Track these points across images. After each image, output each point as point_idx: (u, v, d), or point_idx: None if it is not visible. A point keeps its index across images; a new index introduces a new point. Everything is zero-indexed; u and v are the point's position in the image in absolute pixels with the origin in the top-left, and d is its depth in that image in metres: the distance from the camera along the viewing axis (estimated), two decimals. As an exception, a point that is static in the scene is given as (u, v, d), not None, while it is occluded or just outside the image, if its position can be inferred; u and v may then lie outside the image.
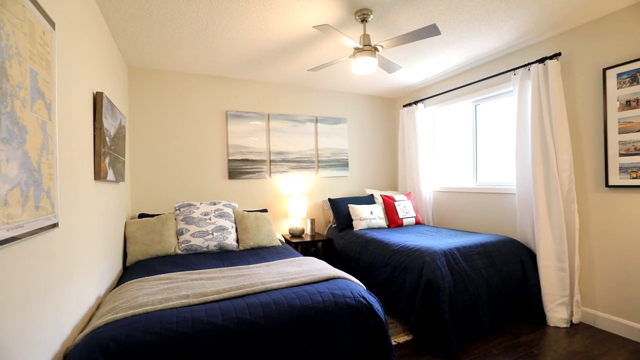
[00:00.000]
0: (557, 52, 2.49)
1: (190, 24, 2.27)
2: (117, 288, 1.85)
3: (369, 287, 2.65)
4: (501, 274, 2.36)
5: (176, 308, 1.51)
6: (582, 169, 2.42)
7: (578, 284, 2.41)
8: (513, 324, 2.41)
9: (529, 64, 2.61)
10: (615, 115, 2.22)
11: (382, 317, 1.72)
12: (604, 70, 2.25)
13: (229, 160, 3.41)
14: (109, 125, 2.05)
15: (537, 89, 2.55)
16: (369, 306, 1.70)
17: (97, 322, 1.40)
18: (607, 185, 2.26)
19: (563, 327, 2.35)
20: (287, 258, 2.43)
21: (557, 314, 2.37)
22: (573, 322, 2.40)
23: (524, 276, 2.48)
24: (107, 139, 2.00)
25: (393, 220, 3.45)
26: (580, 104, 2.43)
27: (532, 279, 2.48)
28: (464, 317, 2.14)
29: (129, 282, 1.89)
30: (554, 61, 2.45)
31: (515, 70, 2.77)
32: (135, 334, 1.30)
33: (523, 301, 2.47)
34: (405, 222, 3.47)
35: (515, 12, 2.18)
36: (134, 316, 1.42)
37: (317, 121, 3.87)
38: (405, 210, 3.53)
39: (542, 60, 2.52)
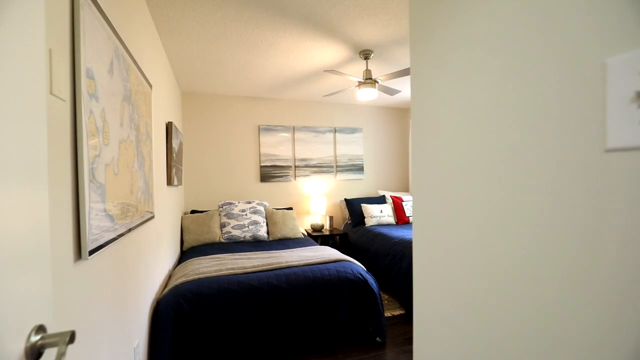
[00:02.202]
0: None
1: (232, 64, 2.94)
2: (182, 264, 2.55)
3: (374, 273, 3.20)
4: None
5: (226, 275, 2.16)
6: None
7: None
8: (495, 306, 2.87)
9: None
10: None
11: (375, 290, 2.29)
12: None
13: (261, 167, 4.08)
14: (175, 144, 2.77)
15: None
16: (364, 281, 2.27)
17: (175, 282, 2.09)
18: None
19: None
20: (306, 247, 3.05)
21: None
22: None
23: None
24: (174, 154, 2.72)
25: (401, 217, 3.97)
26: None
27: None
28: (447, 296, 2.64)
29: (189, 260, 2.59)
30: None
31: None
32: (202, 289, 1.97)
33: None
34: (412, 219, 3.96)
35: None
36: (199, 279, 2.09)
37: (335, 131, 4.45)
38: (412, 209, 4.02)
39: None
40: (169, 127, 2.54)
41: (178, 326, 1.84)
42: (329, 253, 2.66)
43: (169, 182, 2.54)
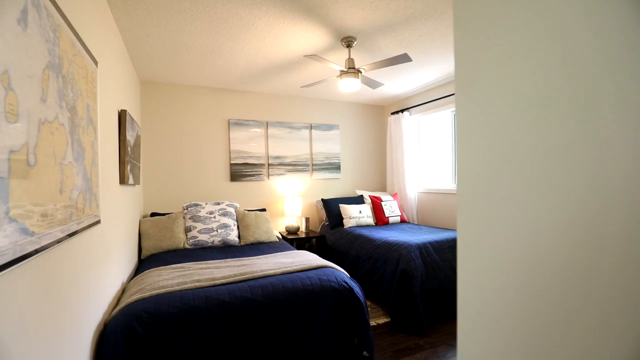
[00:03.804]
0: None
1: (199, 48, 2.61)
2: (138, 275, 2.19)
3: (355, 277, 3.00)
4: (469, 265, 2.71)
5: (191, 289, 1.85)
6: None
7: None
8: (480, 309, 2.76)
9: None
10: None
11: (361, 298, 2.07)
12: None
13: (231, 164, 3.75)
14: (130, 136, 2.39)
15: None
16: (350, 289, 2.05)
17: (128, 300, 1.74)
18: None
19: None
20: (283, 251, 2.77)
21: (518, 300, 2.73)
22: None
23: (491, 267, 2.84)
24: (129, 148, 2.34)
25: (380, 218, 3.80)
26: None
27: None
28: (434, 301, 2.49)
29: (148, 270, 2.23)
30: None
31: (486, 86, 3.12)
32: (161, 307, 1.64)
33: (489, 289, 2.82)
34: (391, 220, 3.82)
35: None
36: (158, 295, 1.76)
37: (311, 128, 4.21)
38: (392, 209, 3.88)
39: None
40: (122, 115, 2.17)
41: (130, 356, 1.50)
42: (309, 259, 2.41)
43: (123, 180, 2.17)
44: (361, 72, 2.52)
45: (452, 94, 3.49)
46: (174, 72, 3.15)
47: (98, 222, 1.55)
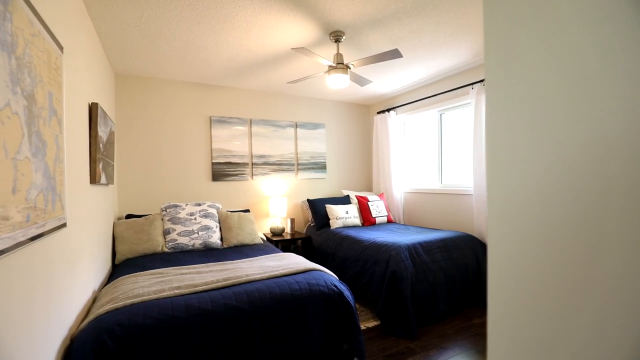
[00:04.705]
0: (507, 70, 2.84)
1: (178, 39, 2.46)
2: (112, 282, 2.02)
3: (343, 280, 2.92)
4: (458, 265, 2.68)
5: (170, 297, 1.71)
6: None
7: (523, 273, 2.77)
8: (469, 309, 2.74)
9: (484, 79, 2.96)
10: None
11: (352, 302, 1.99)
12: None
13: (213, 163, 3.59)
14: (102, 132, 2.21)
15: (490, 103, 2.89)
16: (340, 293, 1.96)
17: (99, 311, 1.59)
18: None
19: (510, 311, 2.70)
20: (268, 254, 2.66)
21: (505, 299, 2.72)
22: (519, 306, 2.75)
23: (478, 267, 2.82)
24: (101, 145, 2.16)
25: (367, 219, 3.74)
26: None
27: (486, 270, 2.82)
28: (425, 303, 2.44)
29: (122, 277, 2.07)
30: (503, 78, 2.80)
31: (473, 85, 3.12)
32: (136, 318, 1.50)
33: (478, 289, 2.81)
34: (378, 220, 3.77)
35: (469, 37, 2.51)
36: (133, 305, 1.61)
37: (297, 126, 4.11)
38: (378, 209, 3.83)
39: (494, 77, 2.86)
40: (93, 109, 2.00)
41: (100, 373, 1.35)
42: (296, 262, 2.31)
43: (94, 179, 1.99)
44: (350, 68, 2.44)
45: (438, 94, 3.48)
46: (152, 65, 2.97)
47: (64, 225, 1.39)
